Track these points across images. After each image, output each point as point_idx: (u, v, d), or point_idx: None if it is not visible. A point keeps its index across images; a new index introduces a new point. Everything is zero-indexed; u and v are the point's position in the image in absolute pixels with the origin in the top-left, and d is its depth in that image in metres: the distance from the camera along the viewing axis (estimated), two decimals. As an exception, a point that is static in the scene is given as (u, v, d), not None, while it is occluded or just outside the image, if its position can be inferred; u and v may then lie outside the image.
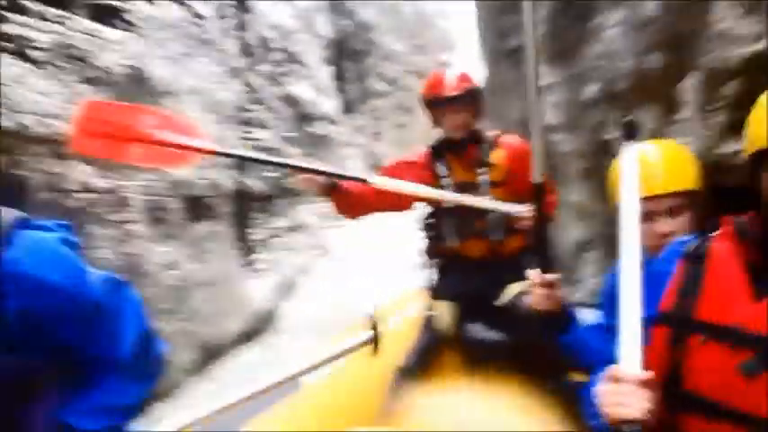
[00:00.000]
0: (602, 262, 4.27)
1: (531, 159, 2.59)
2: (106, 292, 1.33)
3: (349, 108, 12.67)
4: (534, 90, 1.55)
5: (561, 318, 1.69)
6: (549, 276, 1.62)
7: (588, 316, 1.86)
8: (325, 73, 10.52)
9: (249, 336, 5.04)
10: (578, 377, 1.82)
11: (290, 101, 7.98)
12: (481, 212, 2.78)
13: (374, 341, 2.10)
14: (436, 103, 2.86)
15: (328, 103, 10.00)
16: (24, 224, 1.21)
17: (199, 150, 2.72)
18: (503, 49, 7.61)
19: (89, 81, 3.31)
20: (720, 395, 1.13)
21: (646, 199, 1.76)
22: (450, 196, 2.79)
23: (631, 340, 1.16)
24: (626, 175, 1.43)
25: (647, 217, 1.76)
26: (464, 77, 2.84)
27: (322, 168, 2.72)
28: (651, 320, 1.28)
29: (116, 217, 3.39)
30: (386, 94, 15.29)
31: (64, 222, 1.28)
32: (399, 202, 2.88)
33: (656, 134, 2.64)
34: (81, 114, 2.52)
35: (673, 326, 1.24)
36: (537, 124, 1.57)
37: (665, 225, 1.73)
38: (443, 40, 21.22)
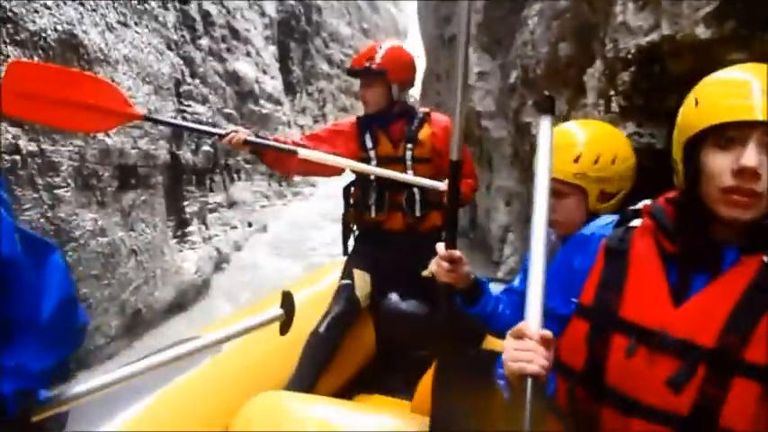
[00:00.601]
0: (524, 242, 4.45)
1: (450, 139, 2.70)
2: (30, 253, 1.35)
3: (293, 89, 12.61)
4: (462, 72, 1.56)
5: (468, 291, 1.80)
6: (452, 252, 1.70)
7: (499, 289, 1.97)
8: (270, 52, 10.45)
9: (181, 306, 5.07)
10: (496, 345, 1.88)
11: (232, 78, 7.93)
12: (402, 186, 2.88)
13: (286, 319, 2.11)
14: (353, 76, 2.98)
15: (272, 83, 9.95)
16: None
17: (128, 116, 2.77)
18: (441, 36, 7.76)
19: (20, 44, 3.30)
20: (643, 395, 1.20)
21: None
22: (373, 170, 2.88)
23: (535, 300, 1.19)
24: (541, 148, 1.45)
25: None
26: (367, 53, 2.92)
27: (254, 139, 2.78)
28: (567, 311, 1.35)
29: (44, 181, 3.39)
30: (331, 76, 15.24)
31: None
32: (327, 170, 2.96)
33: (566, 118, 2.80)
34: (8, 75, 2.53)
35: (594, 321, 1.30)
36: (460, 104, 1.59)
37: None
38: (392, 25, 21.24)
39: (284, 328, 2.10)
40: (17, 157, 3.22)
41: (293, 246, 7.51)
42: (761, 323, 1.11)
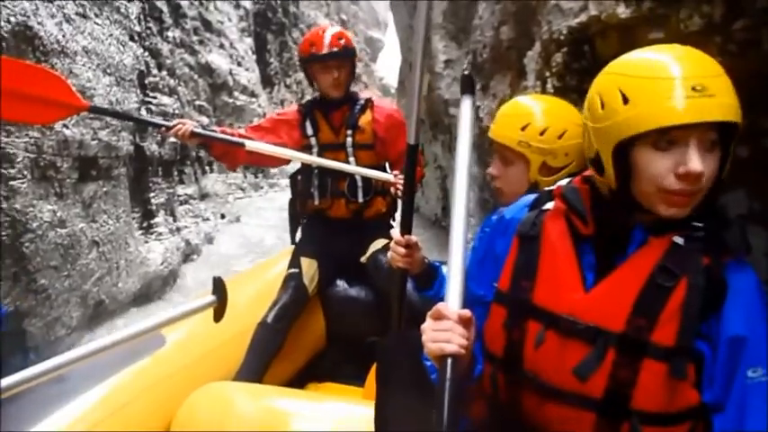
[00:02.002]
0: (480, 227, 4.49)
1: (406, 124, 2.74)
2: None
3: (271, 81, 12.59)
4: (420, 57, 1.56)
5: (421, 275, 1.82)
6: (408, 238, 1.72)
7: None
8: (246, 44, 10.43)
9: (146, 297, 5.08)
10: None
11: (205, 69, 7.92)
12: (345, 174, 2.90)
13: (218, 306, 2.10)
14: (311, 61, 2.95)
15: (247, 75, 9.93)
16: None
17: (69, 108, 2.74)
18: (412, 24, 7.75)
19: (-31, 35, 3.29)
20: (558, 381, 1.22)
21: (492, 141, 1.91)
22: (318, 161, 2.90)
23: (455, 280, 1.22)
24: (461, 128, 1.50)
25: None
26: (337, 35, 2.93)
27: (201, 131, 2.79)
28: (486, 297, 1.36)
29: (-1, 172, 3.39)
30: (309, 68, 15.22)
31: None
32: (274, 160, 2.98)
33: (509, 101, 2.83)
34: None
35: (510, 307, 1.31)
36: (416, 88, 1.58)
37: (492, 167, 1.91)
38: (371, 16, 21.22)
39: (218, 315, 2.10)
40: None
41: (267, 237, 7.51)
42: (667, 305, 1.13)
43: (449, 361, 1.09)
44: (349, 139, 2.93)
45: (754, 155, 1.77)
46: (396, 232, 1.76)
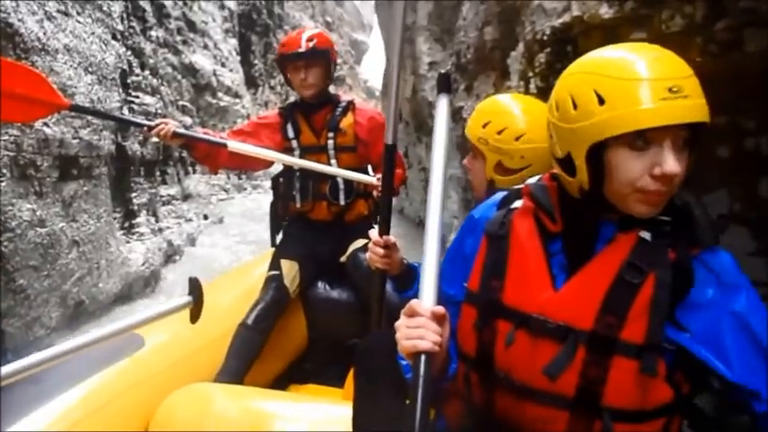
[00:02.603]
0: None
1: (385, 123, 2.72)
2: None
3: (255, 82, 12.54)
4: (397, 56, 1.55)
5: (400, 276, 1.81)
6: (386, 238, 1.72)
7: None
8: (229, 45, 10.39)
9: (127, 297, 5.03)
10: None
11: (188, 70, 7.88)
12: (327, 175, 2.89)
13: (194, 307, 2.08)
14: (282, 62, 2.95)
15: (231, 76, 9.89)
16: None
17: (49, 106, 2.71)
18: (397, 26, 7.78)
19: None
20: (530, 380, 1.21)
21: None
22: (301, 162, 2.89)
23: (428, 277, 1.21)
24: (437, 126, 1.50)
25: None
26: (312, 37, 2.92)
27: (183, 131, 2.77)
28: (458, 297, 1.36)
29: (-24, 170, 3.35)
30: (294, 69, 15.19)
31: None
32: (257, 163, 2.97)
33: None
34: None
35: (480, 308, 1.31)
36: (394, 88, 1.58)
37: (466, 160, 1.98)
38: (356, 18, 21.22)
39: (194, 316, 2.08)
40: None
41: (250, 239, 7.48)
42: (635, 301, 1.13)
43: (422, 358, 1.08)
44: (330, 142, 2.92)
45: (735, 156, 1.78)
46: (374, 233, 1.76)
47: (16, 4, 3.78)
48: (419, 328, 1.12)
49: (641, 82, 1.07)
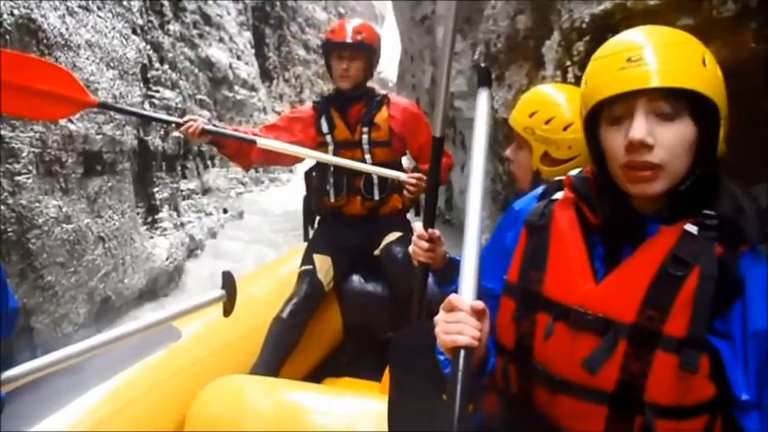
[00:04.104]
0: (493, 219, 4.46)
1: (433, 116, 2.69)
2: None
3: (269, 75, 12.55)
4: (449, 50, 1.57)
5: (442, 270, 1.79)
6: (431, 231, 1.70)
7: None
8: (245, 38, 10.38)
9: (152, 293, 5.04)
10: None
11: (205, 63, 7.88)
12: (361, 171, 2.86)
13: (228, 300, 2.09)
14: (327, 48, 2.92)
15: (246, 69, 9.89)
16: None
17: (82, 103, 2.71)
18: (414, 16, 7.71)
19: (-27, 28, 3.24)
20: (569, 373, 1.19)
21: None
22: (331, 159, 2.86)
23: (468, 272, 1.20)
24: (478, 119, 1.48)
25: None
26: (360, 29, 2.90)
27: (212, 128, 2.75)
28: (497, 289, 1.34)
29: (4, 168, 3.33)
30: (308, 61, 15.18)
31: None
32: (287, 159, 2.95)
33: (525, 91, 2.79)
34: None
35: (520, 299, 1.29)
36: (444, 82, 1.59)
37: (508, 150, 1.95)
38: (368, 9, 21.15)
39: (227, 310, 2.09)
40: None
41: (270, 232, 7.48)
42: (679, 294, 1.10)
43: (461, 353, 1.07)
44: (365, 137, 2.89)
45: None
46: (418, 226, 1.75)
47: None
48: (458, 323, 1.11)
49: (605, 57, 1.15)
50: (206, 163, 7.31)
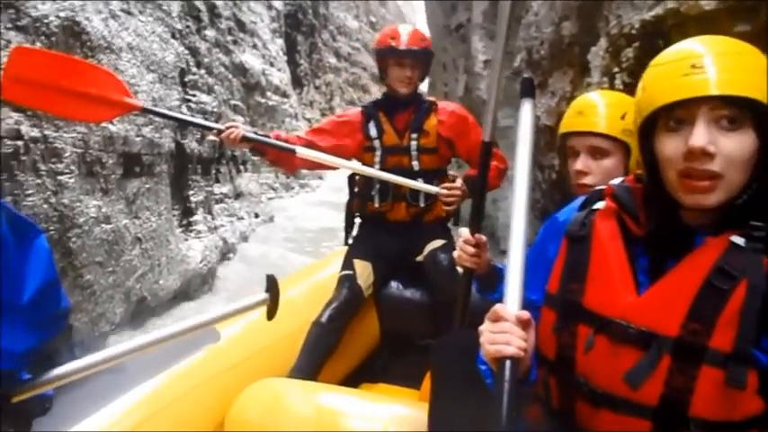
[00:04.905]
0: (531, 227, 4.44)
1: (472, 122, 2.67)
2: (16, 234, 1.35)
3: (300, 81, 12.62)
4: (500, 55, 1.55)
5: (486, 277, 1.77)
6: (478, 237, 1.68)
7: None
8: (277, 45, 10.46)
9: (186, 294, 5.07)
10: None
11: (239, 69, 7.95)
12: (407, 176, 2.85)
13: (270, 304, 2.10)
14: (388, 55, 2.90)
15: (278, 75, 9.96)
16: None
17: (127, 107, 2.74)
18: (449, 24, 7.72)
19: (22, 30, 3.29)
20: (611, 387, 1.16)
21: (571, 135, 1.86)
22: (366, 170, 2.85)
23: (513, 281, 1.17)
24: (521, 129, 1.44)
25: (572, 154, 1.87)
26: (418, 34, 2.90)
27: (252, 135, 2.76)
28: (539, 300, 1.31)
29: (47, 167, 3.39)
30: (338, 69, 15.25)
31: None
32: (330, 164, 2.94)
33: (570, 98, 2.77)
34: (10, 60, 2.52)
35: (560, 311, 1.26)
36: (494, 87, 1.58)
37: (580, 163, 1.82)
38: (399, 18, 21.20)
39: (270, 314, 2.09)
40: (19, 143, 3.22)
41: (299, 237, 7.51)
42: (725, 308, 1.06)
43: (507, 363, 1.06)
44: (413, 143, 2.87)
45: None
46: (465, 231, 1.72)
47: (83, 2, 3.83)
48: (504, 334, 1.09)
49: (667, 64, 1.12)
50: (238, 168, 7.38)
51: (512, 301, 1.15)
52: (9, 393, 1.38)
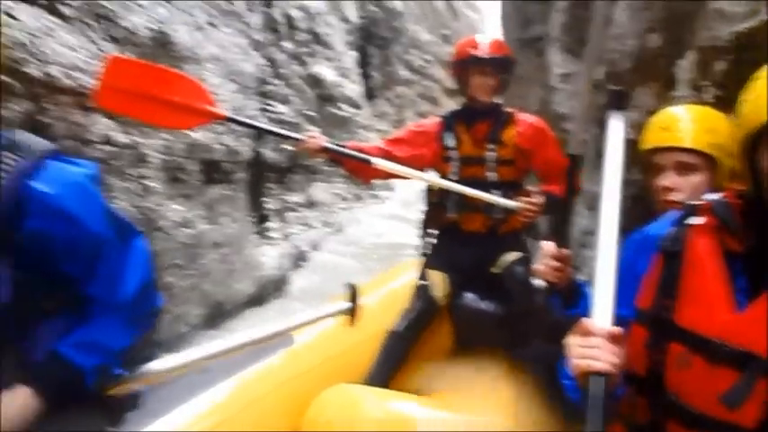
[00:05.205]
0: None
1: (551, 136, 2.64)
2: (118, 235, 1.42)
3: (372, 94, 12.72)
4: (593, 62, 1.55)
5: (567, 291, 1.76)
6: (564, 250, 1.65)
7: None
8: (350, 57, 10.58)
9: (258, 299, 5.18)
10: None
11: (313, 81, 8.07)
12: (484, 187, 2.84)
13: (352, 312, 2.14)
14: (467, 64, 2.91)
15: (351, 87, 10.07)
16: (55, 155, 1.32)
17: (215, 116, 2.84)
18: (525, 37, 7.65)
19: (115, 40, 3.44)
20: (705, 407, 1.13)
21: (657, 151, 1.83)
22: (441, 183, 2.86)
23: (603, 295, 1.17)
24: (611, 144, 1.43)
25: (657, 170, 1.83)
26: (498, 44, 2.91)
27: (328, 145, 2.81)
28: (628, 316, 1.28)
29: (134, 172, 3.52)
30: (410, 82, 15.29)
31: (90, 162, 1.38)
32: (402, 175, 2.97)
33: (654, 112, 2.71)
34: (106, 70, 2.64)
35: (651, 328, 1.24)
36: (583, 102, 1.57)
37: (667, 179, 1.79)
38: (471, 31, 21.14)
39: (351, 321, 2.14)
40: (109, 148, 3.36)
41: (369, 248, 7.56)
42: None
43: (597, 379, 1.04)
44: (491, 154, 2.86)
45: None
46: (549, 244, 1.70)
47: (171, 14, 3.97)
48: (594, 348, 1.07)
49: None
50: (311, 176, 7.48)
51: (602, 315, 1.14)
52: (104, 387, 1.44)
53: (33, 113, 2.77)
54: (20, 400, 1.24)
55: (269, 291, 5.38)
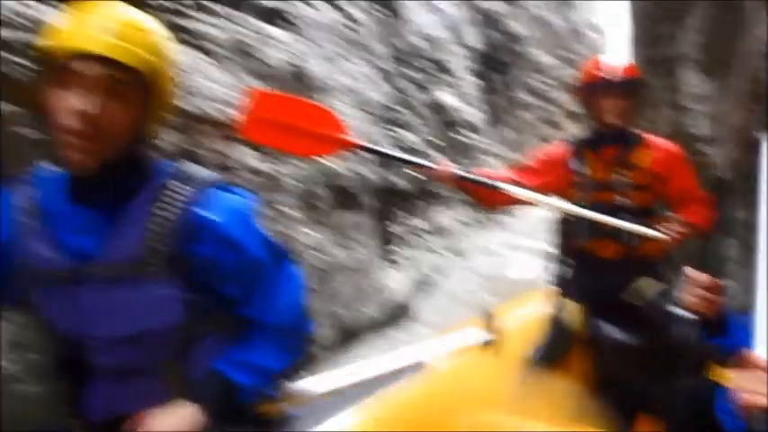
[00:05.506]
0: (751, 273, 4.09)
1: (686, 161, 2.54)
2: (274, 260, 1.50)
3: (494, 119, 12.67)
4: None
5: (715, 321, 1.69)
6: (714, 281, 1.61)
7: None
8: (472, 83, 10.61)
9: (385, 324, 5.24)
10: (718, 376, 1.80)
11: (436, 107, 8.15)
12: (617, 213, 2.75)
13: (492, 342, 2.14)
14: (597, 88, 2.85)
15: (473, 113, 10.08)
16: (220, 185, 1.42)
17: (348, 144, 2.94)
18: (655, 57, 7.41)
19: (256, 74, 3.64)
20: None
21: None
22: (581, 212, 2.77)
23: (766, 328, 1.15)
24: (765, 168, 1.40)
25: None
26: (629, 66, 2.85)
27: (459, 172, 2.82)
28: None
29: (272, 198, 3.69)
30: (532, 106, 15.11)
31: (248, 192, 1.48)
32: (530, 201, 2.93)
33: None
34: (253, 104, 2.80)
35: None
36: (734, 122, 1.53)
37: None
38: (594, 52, 20.65)
39: (493, 351, 2.13)
40: (249, 176, 3.54)
41: (492, 274, 7.48)
42: None
43: (762, 416, 1.00)
44: (620, 179, 2.79)
45: None
46: (699, 274, 1.64)
47: (306, 48, 4.15)
48: (760, 383, 1.03)
49: None
50: (434, 202, 7.52)
51: (765, 347, 1.10)
52: (260, 407, 1.51)
53: (182, 144, 2.97)
54: (190, 415, 1.29)
55: (395, 315, 5.44)
